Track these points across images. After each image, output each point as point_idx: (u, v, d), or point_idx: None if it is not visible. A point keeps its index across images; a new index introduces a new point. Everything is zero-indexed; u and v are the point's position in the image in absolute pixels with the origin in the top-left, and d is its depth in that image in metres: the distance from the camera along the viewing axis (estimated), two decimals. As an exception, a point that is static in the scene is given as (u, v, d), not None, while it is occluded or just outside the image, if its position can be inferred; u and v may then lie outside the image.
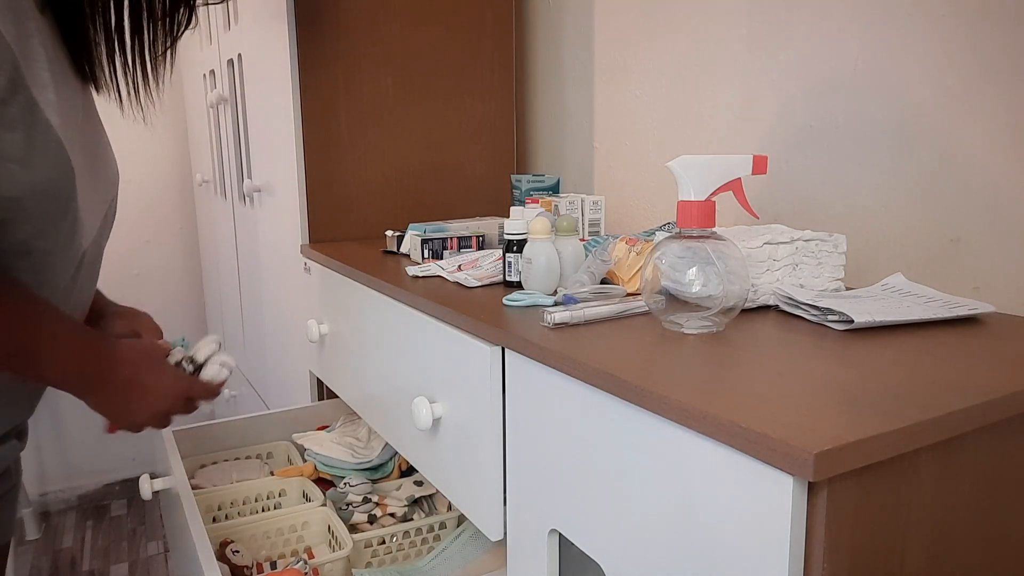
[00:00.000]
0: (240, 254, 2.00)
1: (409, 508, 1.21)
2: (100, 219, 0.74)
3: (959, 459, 0.53)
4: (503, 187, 1.62)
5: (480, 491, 0.82)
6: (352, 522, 1.17)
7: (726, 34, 1.19)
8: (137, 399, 0.77)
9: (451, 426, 0.88)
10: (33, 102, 0.59)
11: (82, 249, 0.71)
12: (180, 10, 0.73)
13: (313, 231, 1.43)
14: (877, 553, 0.49)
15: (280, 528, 1.17)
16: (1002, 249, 0.87)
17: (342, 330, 1.23)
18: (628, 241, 0.95)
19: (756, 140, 1.16)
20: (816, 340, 0.69)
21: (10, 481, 0.82)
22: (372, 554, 1.14)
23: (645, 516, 0.58)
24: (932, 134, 0.93)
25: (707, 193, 0.71)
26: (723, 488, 0.51)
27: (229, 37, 1.80)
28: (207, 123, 2.19)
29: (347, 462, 1.27)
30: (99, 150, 0.73)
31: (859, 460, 0.45)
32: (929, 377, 0.57)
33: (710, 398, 0.53)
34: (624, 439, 0.60)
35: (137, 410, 0.77)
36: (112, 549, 2.40)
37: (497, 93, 1.59)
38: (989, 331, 0.72)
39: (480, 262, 1.06)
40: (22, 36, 0.58)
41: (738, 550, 0.50)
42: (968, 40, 0.88)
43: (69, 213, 0.66)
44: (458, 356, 0.84)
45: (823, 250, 0.84)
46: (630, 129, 1.42)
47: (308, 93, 1.39)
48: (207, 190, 2.37)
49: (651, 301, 0.72)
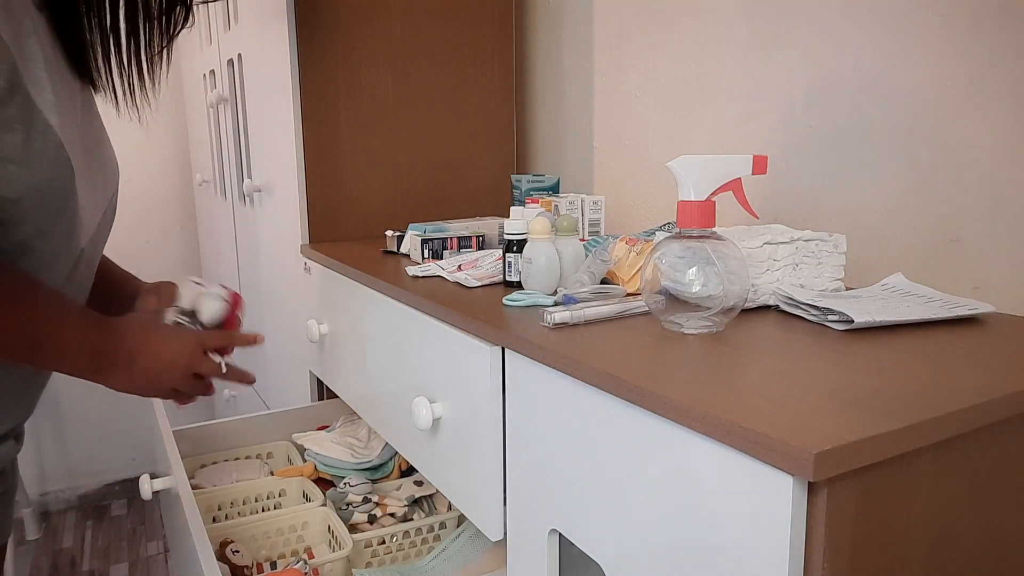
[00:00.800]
0: (240, 254, 2.00)
1: (409, 508, 1.21)
2: (99, 218, 0.74)
3: (959, 459, 0.53)
4: (503, 187, 1.62)
5: (480, 491, 0.82)
6: (352, 522, 1.17)
7: (726, 34, 1.19)
8: (149, 366, 0.76)
9: (451, 426, 0.88)
10: (31, 103, 0.59)
11: (80, 248, 0.71)
12: (176, 10, 0.73)
13: (313, 231, 1.43)
14: (877, 553, 0.49)
15: (280, 528, 1.17)
16: (1002, 249, 0.87)
17: (342, 330, 1.23)
18: (628, 241, 0.95)
19: (756, 140, 1.16)
20: (816, 340, 0.69)
21: (7, 482, 0.82)
22: (372, 554, 1.14)
23: (645, 516, 0.58)
24: (932, 134, 0.93)
25: (707, 193, 0.71)
26: (723, 488, 0.51)
27: (229, 37, 1.80)
28: (207, 123, 2.19)
29: (347, 462, 1.27)
30: (98, 148, 0.73)
31: (859, 460, 0.45)
32: (929, 377, 0.57)
33: (710, 398, 0.53)
34: (624, 439, 0.60)
35: (156, 377, 0.77)
36: (112, 549, 2.40)
37: (497, 93, 1.59)
38: (989, 331, 0.72)
39: (480, 262, 1.06)
40: (19, 35, 0.58)
41: (738, 550, 0.50)
42: (968, 40, 0.88)
43: (67, 212, 0.66)
44: (458, 356, 0.84)
45: (823, 250, 0.84)
46: (630, 129, 1.42)
47: (308, 93, 1.39)
48: (207, 190, 2.37)
49: (651, 301, 0.72)
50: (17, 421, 0.78)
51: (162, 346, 0.78)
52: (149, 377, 0.77)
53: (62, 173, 0.63)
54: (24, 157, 0.60)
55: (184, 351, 0.80)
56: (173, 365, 0.78)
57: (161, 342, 0.78)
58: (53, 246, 0.68)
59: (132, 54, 0.72)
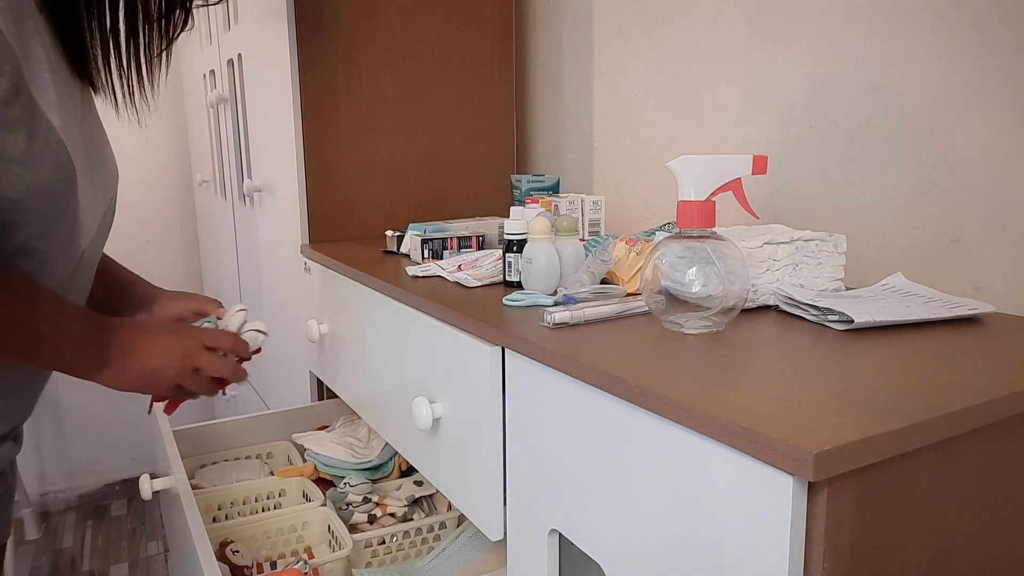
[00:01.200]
0: (240, 254, 2.00)
1: (409, 508, 1.21)
2: (99, 219, 0.74)
3: (959, 459, 0.53)
4: (503, 187, 1.62)
5: (480, 491, 0.82)
6: (352, 522, 1.17)
7: (726, 34, 1.19)
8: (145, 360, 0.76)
9: (451, 426, 0.88)
10: (34, 104, 0.59)
11: (80, 249, 0.71)
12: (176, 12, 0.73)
13: (313, 231, 1.43)
14: (877, 553, 0.49)
15: (280, 528, 1.17)
16: (1002, 249, 0.87)
17: (342, 330, 1.23)
18: (628, 241, 0.95)
19: (756, 140, 1.16)
20: (816, 340, 0.69)
21: (6, 483, 0.82)
22: (372, 554, 1.14)
23: (645, 516, 0.58)
24: (932, 134, 0.93)
25: (707, 193, 0.71)
26: (723, 488, 0.51)
27: (229, 37, 1.80)
28: (207, 123, 2.19)
29: (347, 462, 1.27)
30: (99, 150, 0.73)
31: (859, 460, 0.45)
32: (929, 377, 0.57)
33: (710, 398, 0.53)
34: (624, 439, 0.60)
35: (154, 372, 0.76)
36: (112, 549, 2.40)
37: (497, 93, 1.59)
38: (989, 331, 0.72)
39: (480, 262, 1.06)
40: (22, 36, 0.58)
41: (738, 550, 0.50)
42: (968, 40, 0.88)
43: (69, 214, 0.66)
44: (458, 356, 0.84)
45: (823, 250, 0.84)
46: (630, 129, 1.42)
47: (308, 93, 1.39)
48: (207, 190, 2.37)
49: (651, 301, 0.72)
50: (16, 422, 0.78)
51: (158, 340, 0.78)
52: (146, 371, 0.76)
53: (64, 174, 0.63)
54: (27, 158, 0.60)
55: (181, 346, 0.79)
56: (170, 360, 0.78)
57: (157, 336, 0.78)
58: (54, 248, 0.68)
59: (132, 56, 0.72)
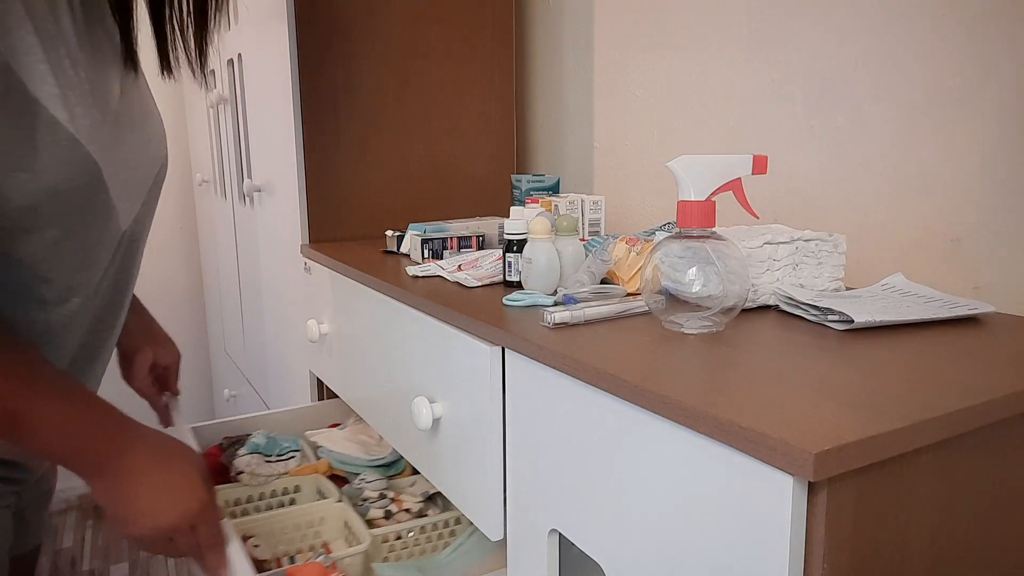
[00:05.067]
0: (240, 254, 2.00)
1: (424, 504, 1.21)
2: (143, 196, 0.70)
3: (959, 459, 0.53)
4: (503, 187, 1.62)
5: (480, 491, 0.82)
6: (368, 518, 1.17)
7: (726, 34, 1.19)
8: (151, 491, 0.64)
9: (451, 426, 0.88)
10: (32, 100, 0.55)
11: (120, 231, 0.68)
12: None
13: (313, 231, 1.43)
14: (877, 553, 0.49)
15: (297, 524, 1.17)
16: (1002, 249, 0.87)
17: (342, 330, 1.23)
18: (628, 241, 0.95)
19: (756, 140, 1.16)
20: (816, 340, 0.69)
21: (48, 483, 0.81)
22: (389, 549, 1.14)
23: (645, 516, 0.58)
24: (932, 134, 0.93)
25: (707, 193, 0.71)
26: (723, 488, 0.51)
27: (229, 37, 1.80)
28: (207, 123, 2.19)
29: (361, 459, 1.28)
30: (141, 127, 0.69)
31: (859, 460, 0.45)
32: (929, 377, 0.57)
33: (710, 398, 0.53)
34: (624, 439, 0.60)
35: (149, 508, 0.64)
36: (112, 549, 2.40)
37: (497, 93, 1.59)
38: (989, 331, 0.72)
39: (480, 262, 1.06)
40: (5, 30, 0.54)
41: (738, 550, 0.50)
42: (968, 40, 0.88)
43: (97, 204, 0.63)
44: (458, 356, 0.84)
45: (823, 250, 0.84)
46: (630, 129, 1.42)
47: (308, 93, 1.39)
48: (207, 190, 2.37)
49: (651, 301, 0.72)
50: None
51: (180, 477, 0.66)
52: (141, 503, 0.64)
53: (80, 171, 0.60)
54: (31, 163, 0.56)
55: (196, 498, 0.67)
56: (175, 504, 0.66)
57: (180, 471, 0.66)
58: (88, 241, 0.64)
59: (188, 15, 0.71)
